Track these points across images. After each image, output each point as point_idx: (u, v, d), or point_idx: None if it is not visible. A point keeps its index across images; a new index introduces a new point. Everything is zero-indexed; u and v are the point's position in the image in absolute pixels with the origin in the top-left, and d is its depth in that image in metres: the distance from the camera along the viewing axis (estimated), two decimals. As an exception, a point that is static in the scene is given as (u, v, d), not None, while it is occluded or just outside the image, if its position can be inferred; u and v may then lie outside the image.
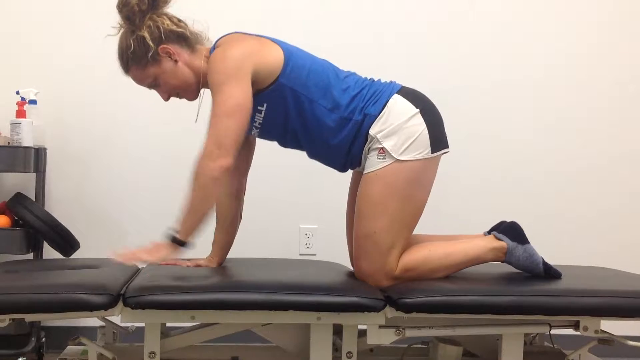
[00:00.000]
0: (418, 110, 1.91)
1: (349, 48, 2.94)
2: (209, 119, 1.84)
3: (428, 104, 1.96)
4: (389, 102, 1.92)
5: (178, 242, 1.85)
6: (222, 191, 1.88)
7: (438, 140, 1.93)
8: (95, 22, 1.92)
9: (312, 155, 2.04)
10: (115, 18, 1.92)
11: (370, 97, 1.93)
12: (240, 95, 1.82)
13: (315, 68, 1.93)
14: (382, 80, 2.02)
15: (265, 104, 1.90)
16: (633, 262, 2.94)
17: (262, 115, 1.92)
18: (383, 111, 1.91)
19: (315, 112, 1.91)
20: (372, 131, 1.91)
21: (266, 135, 2.02)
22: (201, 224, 1.86)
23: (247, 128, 1.90)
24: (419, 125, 1.90)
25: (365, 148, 1.94)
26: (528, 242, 1.98)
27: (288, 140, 2.01)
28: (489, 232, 2.04)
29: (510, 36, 3.02)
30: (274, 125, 1.96)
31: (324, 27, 2.96)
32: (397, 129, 1.89)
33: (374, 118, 1.91)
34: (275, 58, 1.88)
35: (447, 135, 1.99)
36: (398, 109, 1.91)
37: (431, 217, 2.22)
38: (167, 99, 2.00)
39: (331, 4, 2.97)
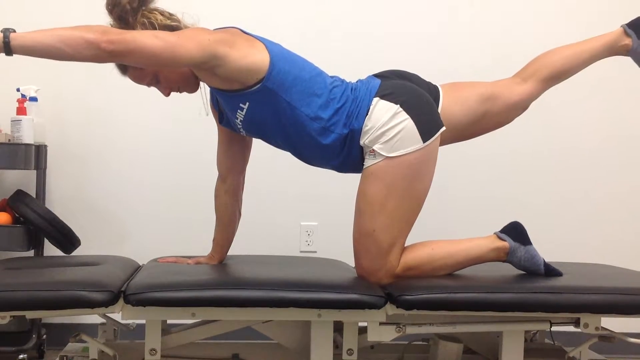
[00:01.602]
0: (398, 105, 1.89)
1: (347, 42, 2.94)
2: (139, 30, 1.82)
3: (409, 94, 1.93)
4: (369, 109, 1.91)
5: (5, 40, 1.67)
6: (74, 57, 1.70)
7: (428, 126, 1.90)
8: (96, 19, 1.91)
9: (297, 155, 2.03)
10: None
11: (352, 110, 1.91)
12: (185, 46, 1.76)
13: (303, 75, 1.91)
14: (363, 79, 2.01)
15: (247, 103, 1.89)
16: (634, 259, 2.94)
17: (244, 113, 1.91)
18: (365, 121, 1.90)
19: (296, 118, 1.90)
20: (362, 141, 1.91)
21: (250, 132, 2.01)
22: (37, 53, 1.70)
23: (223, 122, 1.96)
24: (403, 121, 1.88)
25: (364, 155, 1.94)
26: (530, 243, 1.97)
27: (271, 140, 2.01)
28: (628, 26, 2.08)
29: (512, 34, 3.02)
30: (255, 124, 1.95)
31: (321, 23, 2.96)
32: (382, 132, 1.87)
33: (360, 131, 1.90)
34: (259, 60, 1.85)
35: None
36: (378, 112, 1.89)
37: (432, 217, 2.22)
38: (168, 94, 2.00)
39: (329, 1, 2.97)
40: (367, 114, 1.90)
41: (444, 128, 1.93)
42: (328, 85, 1.94)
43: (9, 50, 1.68)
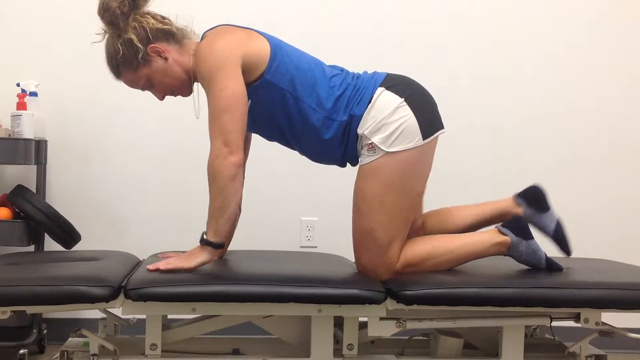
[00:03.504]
0: (403, 99, 1.89)
1: (346, 38, 2.94)
2: (208, 115, 1.82)
3: (414, 90, 1.93)
4: (372, 97, 1.90)
5: (212, 245, 1.82)
6: (240, 184, 1.85)
7: (429, 125, 1.90)
8: (96, 15, 1.91)
9: (302, 152, 2.03)
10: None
11: (354, 97, 1.91)
12: (232, 85, 1.79)
13: (302, 66, 1.91)
14: (369, 72, 2.00)
15: (249, 100, 1.88)
16: (634, 254, 2.94)
17: (247, 109, 1.91)
18: (367, 108, 1.89)
19: (300, 110, 1.90)
20: (360, 130, 1.90)
21: (252, 128, 2.01)
22: (230, 222, 1.84)
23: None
24: (406, 116, 1.87)
25: (358, 147, 1.93)
26: (532, 238, 1.96)
27: (273, 135, 2.01)
28: (518, 196, 2.07)
29: (512, 31, 3.01)
30: (259, 120, 1.94)
31: (320, 17, 2.95)
32: (383, 123, 1.87)
33: (360, 117, 1.90)
34: (261, 51, 1.86)
35: (449, 129, 1.98)
36: (381, 103, 1.89)
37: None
38: (162, 98, 1.99)
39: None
40: (369, 102, 1.90)
41: (444, 130, 1.93)
42: (327, 74, 1.94)
43: (218, 246, 1.83)
